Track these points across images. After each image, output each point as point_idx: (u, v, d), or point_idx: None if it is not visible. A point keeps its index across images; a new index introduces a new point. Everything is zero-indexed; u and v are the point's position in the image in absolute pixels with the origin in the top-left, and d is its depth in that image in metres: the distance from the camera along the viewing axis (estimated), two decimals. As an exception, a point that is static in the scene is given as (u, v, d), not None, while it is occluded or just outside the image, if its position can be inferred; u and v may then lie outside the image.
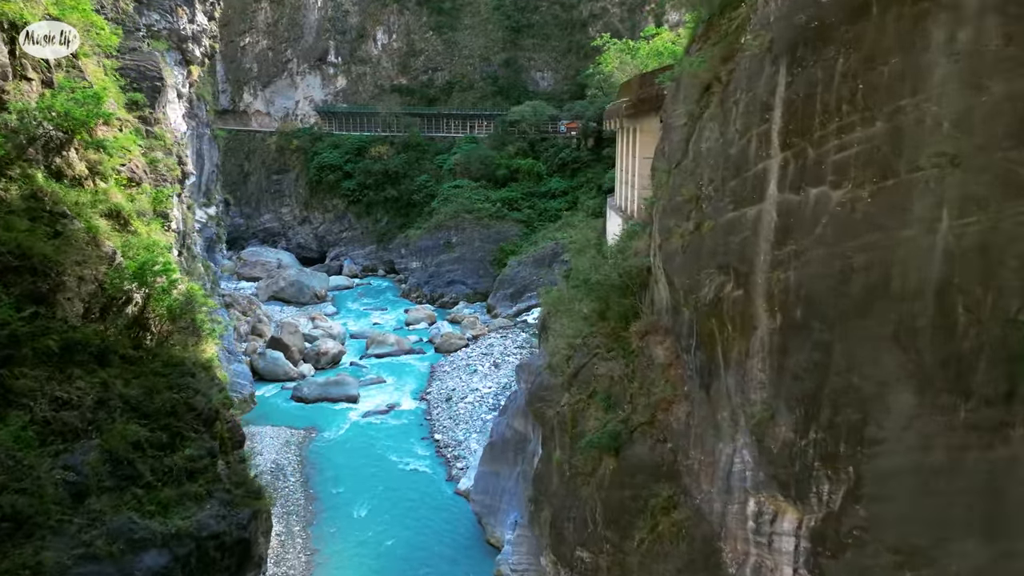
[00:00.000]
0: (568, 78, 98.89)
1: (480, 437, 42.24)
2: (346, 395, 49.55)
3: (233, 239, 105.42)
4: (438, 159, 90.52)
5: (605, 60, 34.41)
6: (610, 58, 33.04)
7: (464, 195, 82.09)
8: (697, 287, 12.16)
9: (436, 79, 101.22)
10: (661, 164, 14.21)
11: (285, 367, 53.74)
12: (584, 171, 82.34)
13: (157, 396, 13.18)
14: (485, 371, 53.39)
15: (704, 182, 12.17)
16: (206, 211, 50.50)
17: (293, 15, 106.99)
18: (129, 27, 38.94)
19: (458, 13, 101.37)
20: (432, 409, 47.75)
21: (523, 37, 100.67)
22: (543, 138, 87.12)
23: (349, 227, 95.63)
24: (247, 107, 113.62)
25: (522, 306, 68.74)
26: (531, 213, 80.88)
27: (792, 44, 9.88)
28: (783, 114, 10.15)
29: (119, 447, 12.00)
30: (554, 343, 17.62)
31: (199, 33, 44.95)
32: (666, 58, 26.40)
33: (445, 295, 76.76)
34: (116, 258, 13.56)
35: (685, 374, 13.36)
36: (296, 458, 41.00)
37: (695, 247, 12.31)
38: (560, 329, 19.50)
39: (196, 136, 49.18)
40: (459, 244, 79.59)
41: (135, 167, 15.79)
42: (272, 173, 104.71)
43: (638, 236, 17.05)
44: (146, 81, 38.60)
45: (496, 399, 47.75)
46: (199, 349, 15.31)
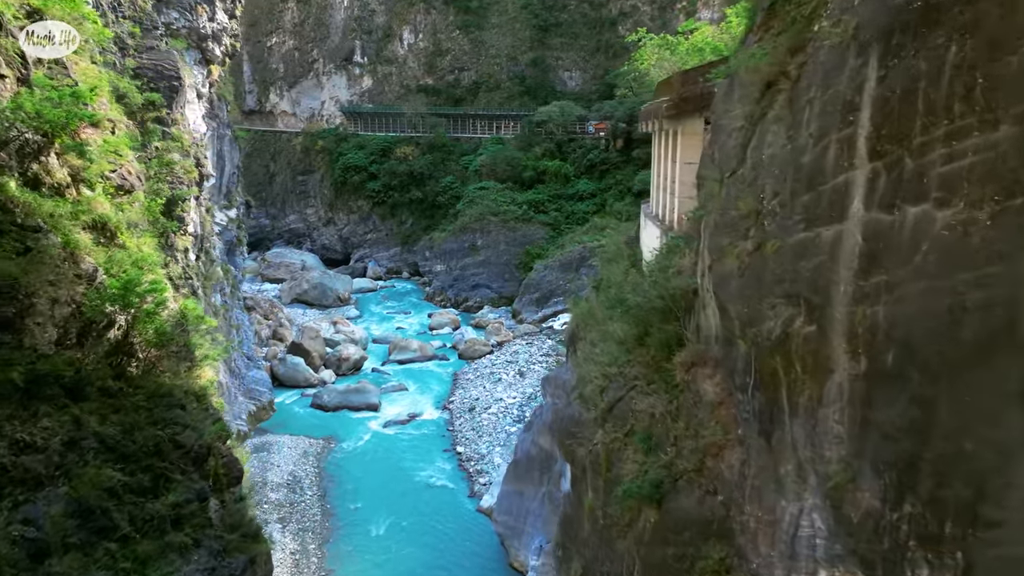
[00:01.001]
0: (596, 78, 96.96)
1: (503, 451, 40.60)
2: (367, 403, 48.24)
3: (258, 240, 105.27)
4: (464, 160, 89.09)
5: (640, 57, 32.55)
6: (646, 54, 31.18)
7: (490, 197, 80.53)
8: (757, 318, 10.38)
9: (462, 79, 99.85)
10: (711, 172, 12.44)
11: (305, 373, 52.60)
12: (613, 173, 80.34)
13: (138, 433, 11.67)
14: (510, 380, 51.76)
15: (767, 195, 10.38)
16: (226, 213, 49.48)
17: (319, 15, 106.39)
18: (147, 25, 37.94)
19: (485, 12, 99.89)
20: (454, 419, 46.22)
21: (551, 36, 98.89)
22: (571, 139, 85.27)
23: (374, 229, 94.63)
24: (273, 107, 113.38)
25: (548, 311, 67.01)
26: (558, 216, 79.10)
27: (886, 30, 8.09)
28: (873, 116, 8.35)
29: (90, 495, 10.49)
30: (586, 370, 15.91)
31: (219, 32, 43.88)
32: (707, 54, 24.57)
33: (470, 299, 75.30)
34: (97, 276, 12.07)
35: (739, 415, 11.58)
36: (314, 470, 39.70)
37: (755, 271, 10.52)
38: (590, 352, 17.80)
39: (217, 137, 48.15)
40: (484, 247, 78.07)
41: (127, 173, 14.36)
42: (297, 174, 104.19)
43: (680, 251, 15.27)
44: (163, 81, 37.52)
45: (521, 410, 46.11)
46: (193, 376, 13.84)
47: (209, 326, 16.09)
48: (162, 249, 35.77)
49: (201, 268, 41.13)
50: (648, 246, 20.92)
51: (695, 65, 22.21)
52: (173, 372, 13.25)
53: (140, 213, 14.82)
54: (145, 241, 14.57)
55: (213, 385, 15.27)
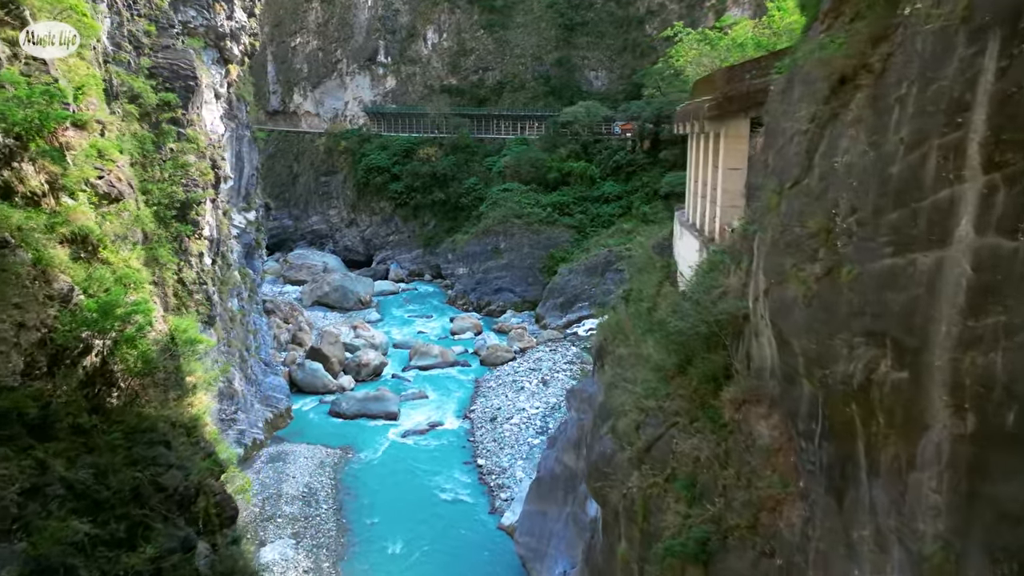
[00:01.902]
0: (623, 77, 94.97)
1: (526, 464, 39.10)
2: (386, 412, 47.01)
3: (281, 241, 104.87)
4: (487, 161, 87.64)
5: (676, 53, 30.84)
6: (682, 51, 29.45)
7: (513, 199, 79.04)
8: (828, 357, 8.77)
9: (487, 79, 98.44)
10: (769, 181, 10.83)
11: (324, 379, 51.53)
12: (640, 175, 78.40)
13: (114, 477, 10.32)
14: (532, 389, 50.24)
15: (841, 211, 8.77)
16: (245, 216, 48.54)
17: (343, 15, 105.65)
18: (163, 23, 37.00)
19: (510, 11, 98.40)
20: (476, 430, 44.81)
21: (576, 35, 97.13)
22: (596, 140, 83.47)
23: (396, 230, 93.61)
24: (297, 108, 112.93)
25: (572, 317, 65.38)
26: (583, 218, 77.38)
27: (1012, 9, 6.45)
28: (991, 117, 6.72)
29: (53, 551, 9.15)
30: (619, 399, 14.35)
31: (238, 30, 42.88)
32: (749, 50, 22.89)
33: (492, 303, 73.89)
34: (73, 297, 10.76)
35: (801, 465, 9.97)
36: (330, 482, 38.50)
37: (826, 301, 8.92)
38: (622, 376, 16.26)
39: (236, 138, 47.22)
40: (507, 250, 76.61)
41: (116, 179, 13.07)
42: (320, 175, 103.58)
43: (724, 268, 13.67)
44: (179, 80, 36.57)
45: (544, 421, 44.57)
46: (183, 405, 12.51)
47: (208, 345, 14.78)
48: (175, 254, 34.83)
49: (217, 272, 40.15)
50: (685, 258, 19.28)
51: (738, 61, 20.57)
52: (159, 402, 11.92)
53: (129, 223, 13.52)
54: (134, 255, 13.26)
55: (207, 413, 13.92)
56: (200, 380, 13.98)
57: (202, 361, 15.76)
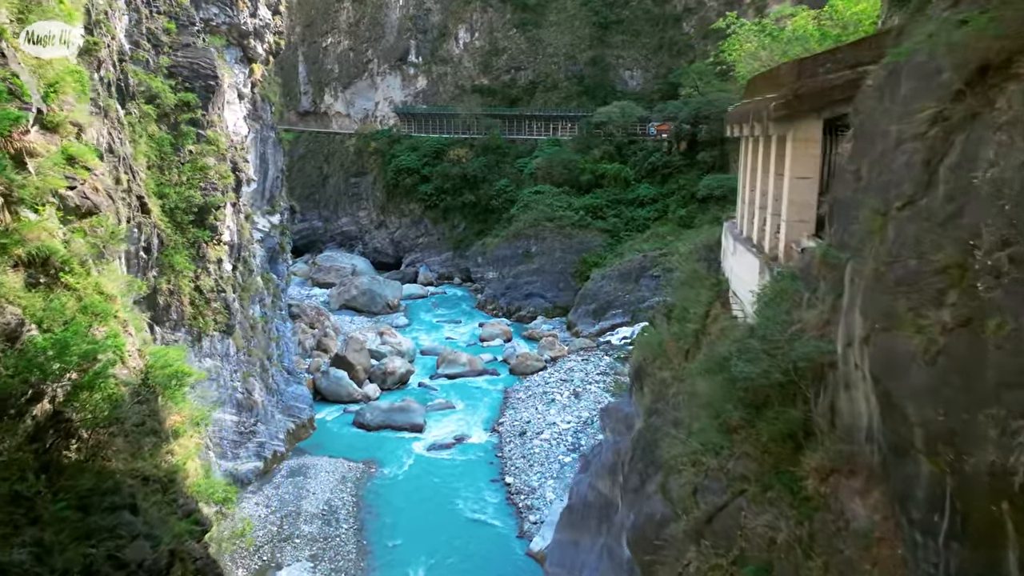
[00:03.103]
0: (659, 77, 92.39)
1: (556, 485, 37.05)
2: (411, 423, 45.28)
3: (311, 242, 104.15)
4: (518, 163, 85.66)
5: (729, 46, 28.56)
6: (736, 43, 27.11)
7: (545, 201, 76.94)
8: (967, 437, 6.64)
9: (519, 79, 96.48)
10: (866, 198, 8.70)
11: (348, 388, 50.01)
12: (676, 177, 75.85)
13: (60, 555, 8.52)
14: (564, 401, 48.13)
15: (984, 243, 6.63)
16: (269, 219, 47.18)
17: (375, 14, 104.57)
18: (183, 21, 35.68)
19: (543, 10, 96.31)
20: (504, 444, 42.85)
21: (611, 34, 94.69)
22: (631, 141, 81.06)
23: (425, 233, 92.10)
24: (327, 108, 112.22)
25: (605, 325, 63.10)
26: (617, 222, 75.01)
27: None
28: None
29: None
30: (670, 451, 12.26)
31: (262, 28, 41.48)
32: (812, 44, 20.63)
33: (522, 308, 71.87)
34: (21, 333, 9.00)
35: (914, 563, 7.80)
36: (352, 499, 36.84)
37: (963, 361, 6.77)
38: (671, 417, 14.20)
39: (260, 140, 45.87)
40: (539, 254, 74.52)
41: (92, 189, 11.35)
42: (350, 176, 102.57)
43: (796, 297, 11.54)
44: (199, 80, 35.23)
45: (575, 437, 42.46)
46: (159, 454, 10.72)
47: (198, 378, 13.04)
48: (193, 260, 33.45)
49: (238, 279, 38.80)
50: (740, 277, 17.09)
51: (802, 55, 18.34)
52: (130, 454, 10.14)
53: (105, 240, 11.81)
54: (108, 276, 11.53)
55: (194, 457, 12.14)
56: (187, 420, 12.21)
57: (195, 393, 14.06)
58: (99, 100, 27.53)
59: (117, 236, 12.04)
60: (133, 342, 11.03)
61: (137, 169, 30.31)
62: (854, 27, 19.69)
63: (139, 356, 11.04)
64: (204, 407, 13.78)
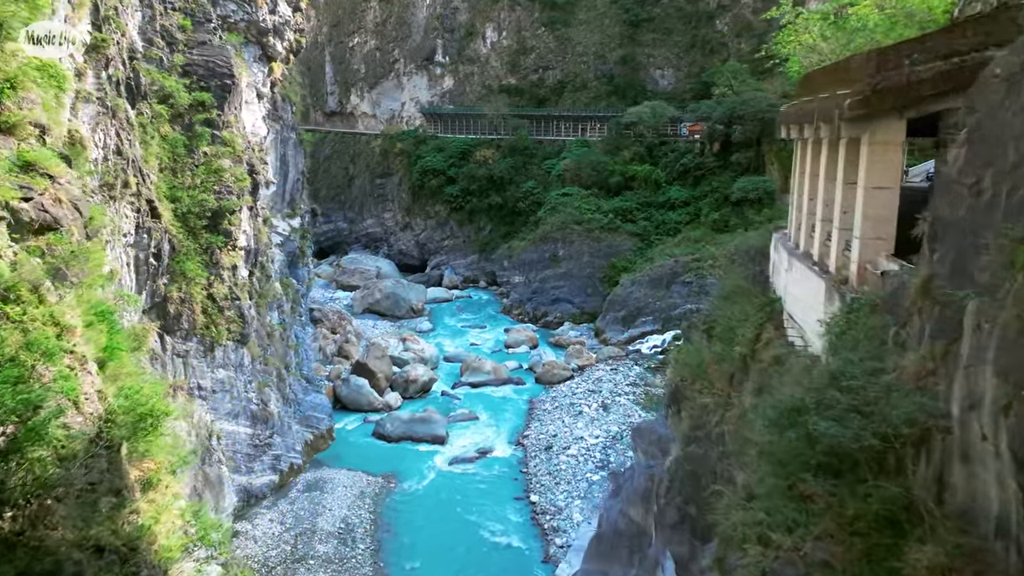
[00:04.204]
0: (691, 76, 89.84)
1: (583, 505, 35.13)
2: (432, 435, 43.63)
3: (336, 243, 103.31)
4: (546, 164, 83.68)
5: (783, 38, 26.31)
6: (792, 34, 24.84)
7: (573, 204, 74.92)
8: None
9: (547, 78, 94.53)
10: (1004, 224, 6.73)
11: (369, 396, 48.53)
12: (708, 179, 73.40)
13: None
14: (592, 414, 46.14)
15: None
16: (289, 223, 45.85)
17: (402, 13, 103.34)
18: (199, 17, 34.39)
19: (572, 8, 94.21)
20: (529, 459, 40.99)
21: (642, 32, 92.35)
22: (662, 142, 78.71)
23: (451, 235, 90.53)
24: (354, 109, 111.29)
25: (635, 332, 60.92)
26: (647, 225, 72.74)
27: None
28: None
29: None
30: (726, 522, 10.31)
31: (281, 25, 40.10)
32: (878, 35, 18.51)
33: (549, 314, 69.93)
34: (-59, 378, 7.30)
35: None
36: (370, 516, 35.27)
37: None
38: (712, 453, 12.28)
39: (280, 141, 44.57)
40: (566, 258, 72.52)
41: (53, 201, 9.74)
42: (376, 177, 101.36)
43: (880, 335, 9.57)
44: (215, 79, 33.90)
45: (604, 453, 40.46)
46: (120, 515, 9.07)
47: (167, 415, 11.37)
48: (205, 267, 32.11)
49: (255, 285, 37.42)
50: (799, 299, 15.05)
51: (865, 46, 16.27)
52: (82, 519, 8.48)
53: (66, 260, 10.19)
54: (71, 302, 9.92)
55: (170, 509, 10.47)
56: (163, 467, 10.55)
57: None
58: (107, 100, 26.24)
59: (82, 255, 10.39)
60: (92, 382, 9.40)
61: (147, 172, 29.03)
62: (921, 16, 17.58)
63: (98, 399, 9.39)
64: (186, 449, 12.11)
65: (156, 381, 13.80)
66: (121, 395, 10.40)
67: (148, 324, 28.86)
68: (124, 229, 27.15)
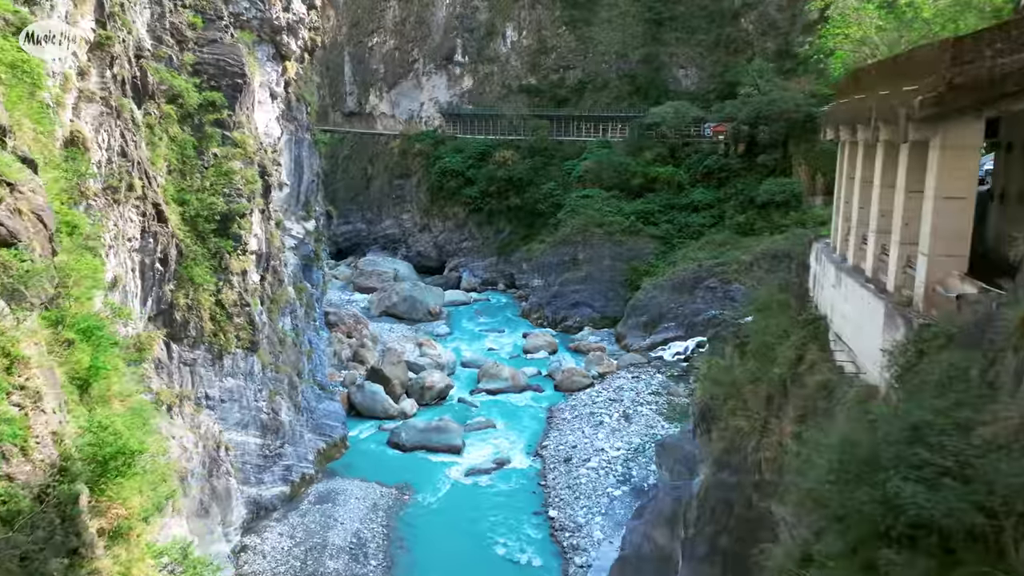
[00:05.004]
0: (715, 75, 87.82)
1: (605, 522, 33.68)
2: (448, 445, 42.40)
3: (355, 245, 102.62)
4: (566, 165, 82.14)
5: (830, 31, 24.53)
6: (840, 27, 23.10)
7: (594, 206, 73.38)
8: None
9: (567, 78, 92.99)
10: None
11: (384, 403, 47.40)
12: (733, 181, 71.56)
13: None
14: (613, 424, 44.64)
15: None
16: (304, 225, 44.86)
17: (421, 12, 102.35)
18: (210, 15, 33.40)
19: (594, 6, 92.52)
20: (547, 471, 39.61)
21: (665, 31, 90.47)
22: (685, 143, 76.96)
23: (469, 237, 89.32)
24: (372, 109, 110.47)
25: (657, 338, 59.31)
26: (669, 228, 71.05)
27: None
28: None
29: None
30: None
31: (296, 23, 39.07)
32: (936, 28, 16.92)
33: (568, 318, 68.44)
34: None
35: None
36: (382, 530, 34.09)
37: None
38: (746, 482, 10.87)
39: (295, 142, 43.57)
40: (586, 261, 71.01)
41: (10, 213, 8.55)
42: (394, 177, 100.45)
43: (962, 375, 8.11)
44: (226, 78, 32.90)
45: (626, 467, 38.94)
46: (83, 571, 7.81)
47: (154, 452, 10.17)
48: (214, 273, 31.08)
49: (267, 290, 36.40)
50: (850, 320, 13.55)
51: (920, 40, 14.75)
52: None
53: (22, 279, 8.97)
54: (32, 327, 8.72)
55: (146, 559, 9.24)
56: (134, 514, 9.33)
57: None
58: (111, 99, 25.27)
59: (39, 274, 9.17)
60: (47, 422, 8.19)
61: (154, 174, 28.05)
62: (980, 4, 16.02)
63: (53, 442, 8.16)
64: (166, 490, 10.87)
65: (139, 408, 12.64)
66: (91, 430, 9.19)
67: (154, 332, 27.91)
68: (129, 234, 26.15)
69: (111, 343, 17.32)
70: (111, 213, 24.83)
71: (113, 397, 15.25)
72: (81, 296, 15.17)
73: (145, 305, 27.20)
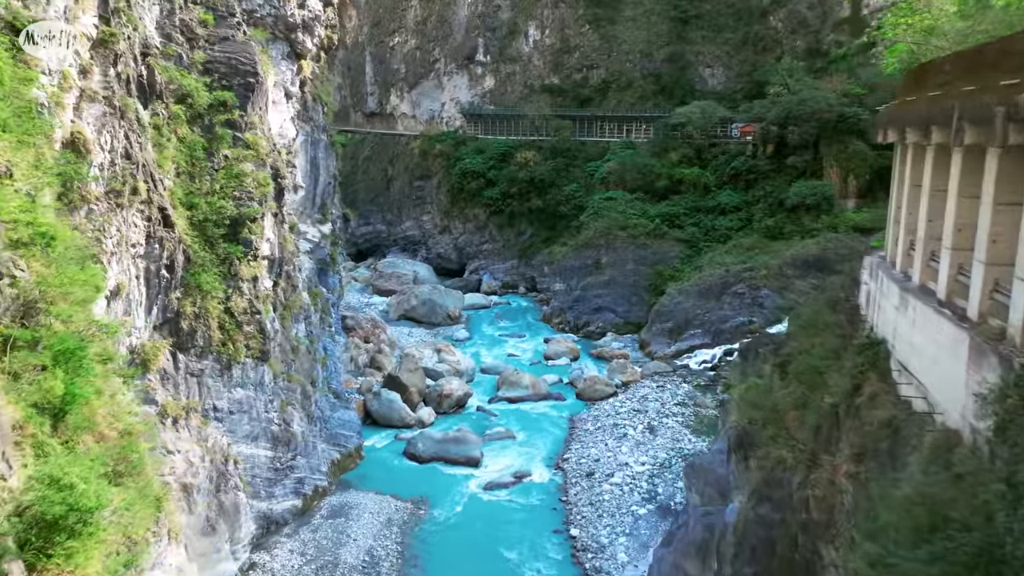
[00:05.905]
0: (742, 75, 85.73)
1: (629, 543, 32.06)
2: (466, 456, 40.97)
3: (375, 246, 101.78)
4: (589, 166, 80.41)
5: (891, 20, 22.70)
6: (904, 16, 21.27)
7: (617, 208, 71.63)
8: None
9: (591, 78, 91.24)
10: None
11: (401, 411, 46.11)
12: (761, 183, 69.41)
13: None
14: (637, 437, 42.91)
15: None
16: (319, 228, 43.67)
17: (443, 12, 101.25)
18: (222, 12, 32.28)
19: (618, 5, 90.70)
20: (569, 486, 38.04)
21: (691, 29, 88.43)
22: (712, 144, 74.96)
23: (490, 239, 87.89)
24: (393, 109, 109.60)
25: (683, 345, 57.45)
26: (695, 231, 69.06)
27: None
28: None
29: None
30: None
31: (311, 21, 37.84)
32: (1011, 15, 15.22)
33: (591, 324, 66.76)
34: None
35: None
36: (396, 547, 32.74)
37: None
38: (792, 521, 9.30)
39: (311, 143, 42.40)
40: (609, 265, 69.23)
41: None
42: (415, 179, 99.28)
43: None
44: (237, 77, 31.76)
45: (651, 483, 37.25)
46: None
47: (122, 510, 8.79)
48: (223, 279, 29.85)
49: (279, 296, 35.18)
50: (921, 350, 11.88)
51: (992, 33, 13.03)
52: None
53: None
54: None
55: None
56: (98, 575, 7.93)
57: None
58: (114, 99, 24.14)
59: None
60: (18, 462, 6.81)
61: (160, 177, 26.89)
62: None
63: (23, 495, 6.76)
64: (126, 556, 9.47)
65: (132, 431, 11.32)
66: (34, 486, 7.81)
67: (159, 342, 26.78)
68: (133, 239, 25.00)
69: (102, 360, 16.06)
70: (114, 218, 23.68)
71: (100, 423, 13.97)
72: (67, 312, 13.88)
73: (150, 314, 26.08)
